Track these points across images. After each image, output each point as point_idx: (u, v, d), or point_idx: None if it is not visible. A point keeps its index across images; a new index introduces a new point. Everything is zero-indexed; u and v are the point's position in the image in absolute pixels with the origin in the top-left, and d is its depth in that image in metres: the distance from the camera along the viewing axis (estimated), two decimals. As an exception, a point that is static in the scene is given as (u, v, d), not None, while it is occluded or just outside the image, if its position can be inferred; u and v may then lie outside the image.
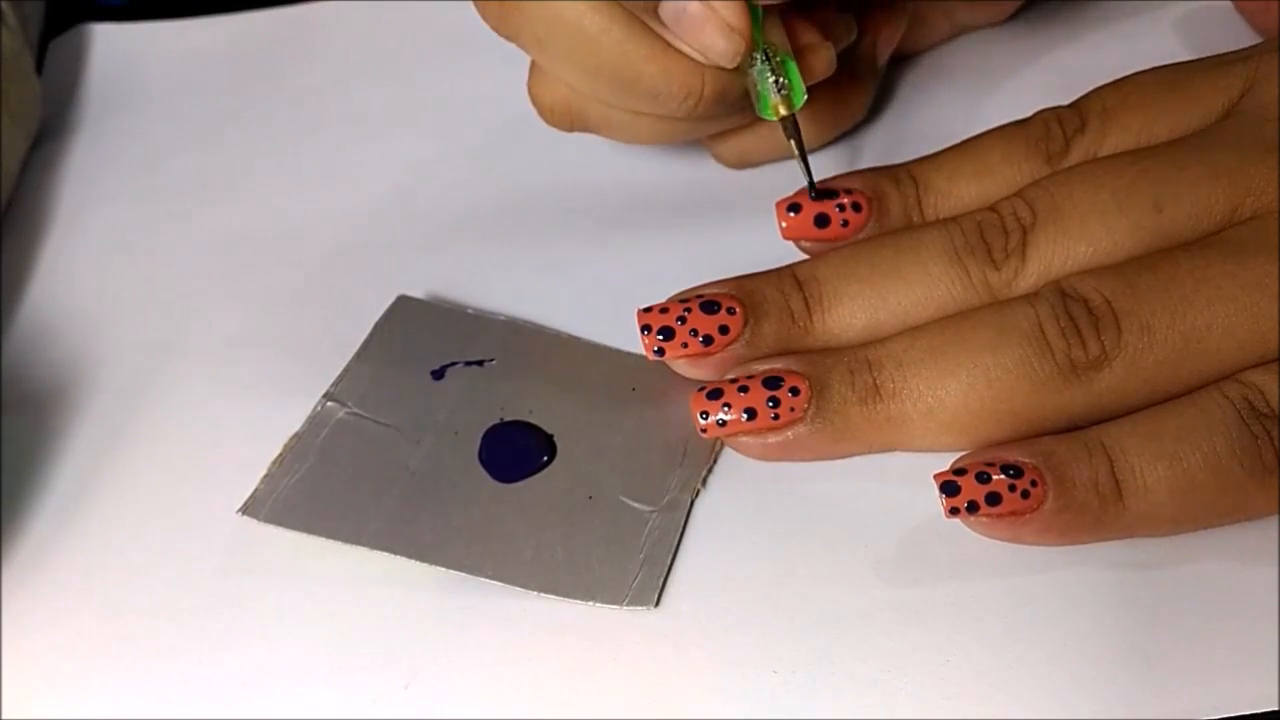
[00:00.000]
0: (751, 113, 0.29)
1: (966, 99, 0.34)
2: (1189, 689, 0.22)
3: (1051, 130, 0.28)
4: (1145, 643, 0.23)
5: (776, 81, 0.28)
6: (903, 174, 0.29)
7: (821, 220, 0.28)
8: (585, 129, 0.31)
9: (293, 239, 0.34)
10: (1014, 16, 0.36)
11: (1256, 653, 0.23)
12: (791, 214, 0.29)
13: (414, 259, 0.33)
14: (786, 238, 0.29)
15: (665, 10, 0.26)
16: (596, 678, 0.24)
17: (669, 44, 0.27)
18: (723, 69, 0.27)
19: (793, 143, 0.29)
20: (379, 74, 0.39)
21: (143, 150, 0.38)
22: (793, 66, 0.28)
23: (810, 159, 0.29)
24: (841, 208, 0.28)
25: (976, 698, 0.23)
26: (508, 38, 0.29)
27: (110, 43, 0.42)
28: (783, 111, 0.28)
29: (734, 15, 0.26)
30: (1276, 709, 0.22)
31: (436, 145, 0.36)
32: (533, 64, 0.31)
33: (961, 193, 0.28)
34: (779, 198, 0.29)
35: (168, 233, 0.35)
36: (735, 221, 0.32)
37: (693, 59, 0.27)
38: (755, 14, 0.27)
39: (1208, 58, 0.28)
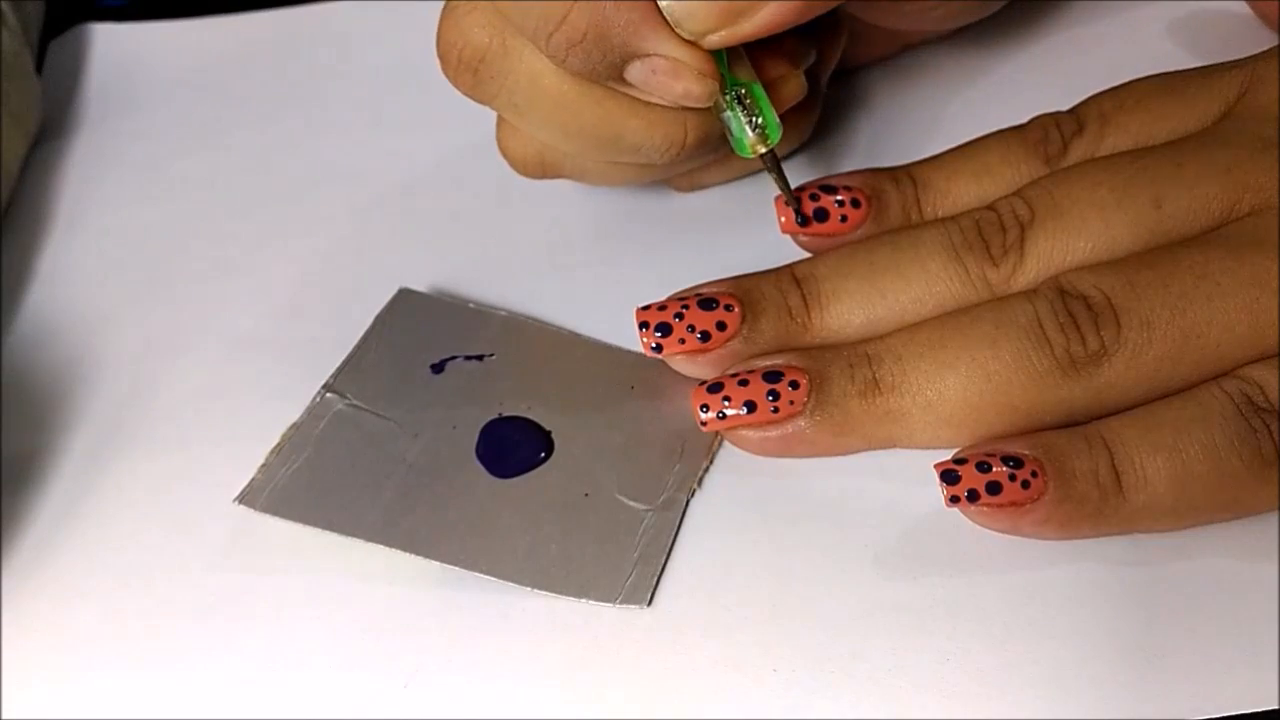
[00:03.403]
0: (723, 150, 0.29)
1: (963, 102, 0.34)
2: (1189, 687, 0.22)
3: (1050, 133, 0.28)
4: (1145, 641, 0.23)
5: (751, 121, 0.27)
6: (901, 174, 0.29)
7: (820, 215, 0.28)
8: (559, 177, 0.31)
9: (293, 235, 0.34)
10: (1010, 17, 0.36)
11: (1256, 651, 0.23)
12: (791, 208, 0.29)
13: (416, 253, 0.33)
14: (785, 231, 0.29)
15: (632, 74, 0.26)
16: (596, 677, 0.24)
17: (648, 101, 0.27)
18: (703, 115, 0.27)
19: (773, 177, 0.28)
20: (379, 73, 0.39)
21: (143, 150, 0.38)
22: (765, 103, 0.28)
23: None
24: (840, 203, 0.28)
25: (976, 698, 0.23)
26: (483, 103, 0.29)
27: (110, 43, 0.42)
28: (760, 149, 0.28)
29: (700, 60, 0.26)
30: (1276, 708, 0.22)
31: (438, 142, 0.36)
32: (500, 118, 0.30)
33: (960, 192, 0.29)
34: (778, 195, 0.29)
35: (168, 232, 0.35)
36: (736, 222, 0.32)
37: (672, 110, 0.27)
38: (719, 54, 0.27)
39: (1205, 65, 0.28)
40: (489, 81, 0.28)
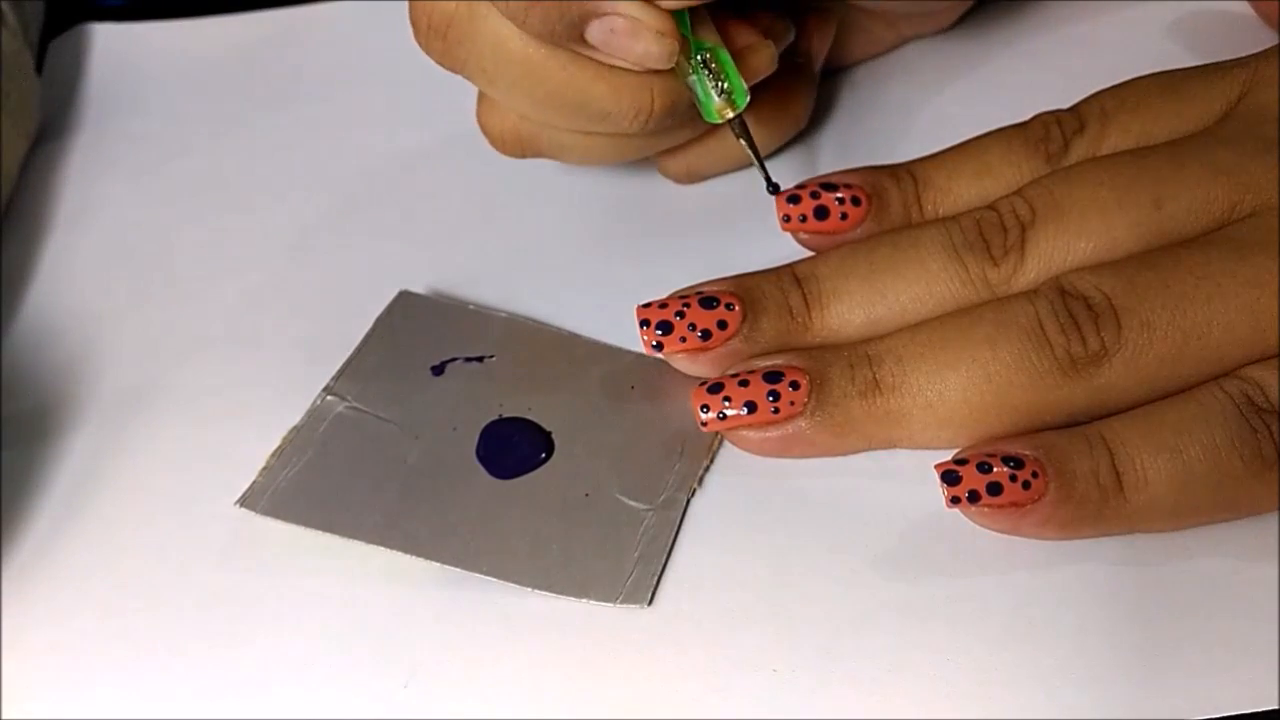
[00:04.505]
0: (700, 125, 0.29)
1: (962, 100, 0.34)
2: (1189, 688, 0.22)
3: (1051, 131, 0.28)
4: (1145, 641, 0.23)
5: (717, 85, 0.28)
6: (902, 172, 0.29)
7: (820, 212, 0.28)
8: (537, 154, 0.31)
9: (294, 236, 0.34)
10: (1010, 15, 0.36)
11: (1256, 651, 0.23)
12: (791, 205, 0.29)
13: (416, 254, 0.33)
14: (786, 229, 0.29)
15: (592, 34, 0.26)
16: (596, 677, 0.24)
17: (611, 63, 0.27)
18: (669, 82, 0.27)
19: (743, 143, 0.29)
20: (379, 74, 0.39)
21: (143, 150, 0.38)
22: (731, 67, 0.28)
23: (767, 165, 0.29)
24: (841, 201, 0.28)
25: (976, 698, 0.23)
26: (452, 70, 0.29)
27: (110, 43, 0.42)
28: (728, 114, 0.28)
29: (659, 20, 0.26)
30: (1276, 708, 0.22)
31: (438, 142, 0.36)
32: (480, 93, 0.31)
33: (961, 191, 0.29)
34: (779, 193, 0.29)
35: (168, 232, 0.35)
36: (737, 221, 0.32)
37: (637, 74, 0.27)
38: (682, 16, 0.27)
39: (1206, 64, 0.28)
40: (457, 46, 0.28)
